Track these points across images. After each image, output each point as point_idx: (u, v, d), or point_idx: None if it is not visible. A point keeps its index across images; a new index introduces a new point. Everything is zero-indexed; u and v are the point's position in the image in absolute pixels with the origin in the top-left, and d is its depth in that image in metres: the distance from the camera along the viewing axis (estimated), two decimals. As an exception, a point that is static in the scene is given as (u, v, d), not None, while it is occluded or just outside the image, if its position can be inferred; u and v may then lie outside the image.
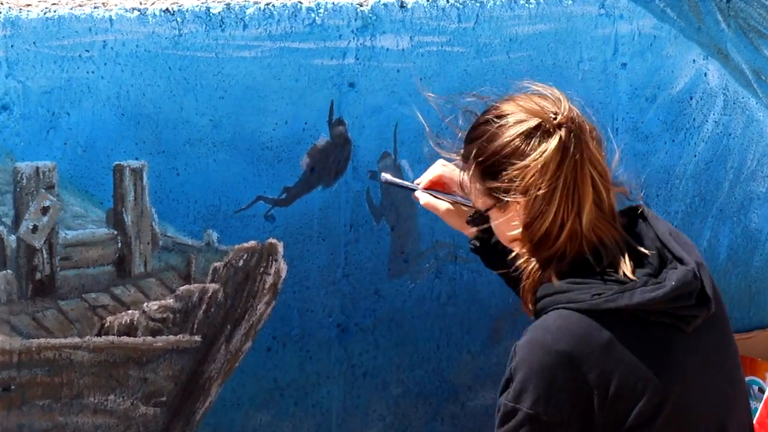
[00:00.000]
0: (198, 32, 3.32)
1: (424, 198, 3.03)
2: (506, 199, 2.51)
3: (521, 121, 2.51)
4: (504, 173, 2.50)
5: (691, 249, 2.58)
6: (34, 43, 3.14)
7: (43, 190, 3.21)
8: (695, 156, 4.14)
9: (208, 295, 3.44)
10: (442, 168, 3.03)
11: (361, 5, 3.53)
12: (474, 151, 2.55)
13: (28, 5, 3.16)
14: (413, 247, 3.76)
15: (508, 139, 2.50)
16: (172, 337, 3.41)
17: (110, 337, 3.35)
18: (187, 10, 3.30)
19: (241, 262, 3.48)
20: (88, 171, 3.27)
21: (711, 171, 4.18)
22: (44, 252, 3.25)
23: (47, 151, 3.21)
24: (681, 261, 2.52)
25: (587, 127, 2.57)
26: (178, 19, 3.30)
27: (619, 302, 2.41)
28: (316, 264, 3.62)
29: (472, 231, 2.97)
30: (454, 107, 2.80)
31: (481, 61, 3.71)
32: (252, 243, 3.50)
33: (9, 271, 3.23)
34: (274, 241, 3.53)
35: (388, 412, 3.82)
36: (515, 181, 2.48)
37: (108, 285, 3.34)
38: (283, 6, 3.41)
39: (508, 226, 2.56)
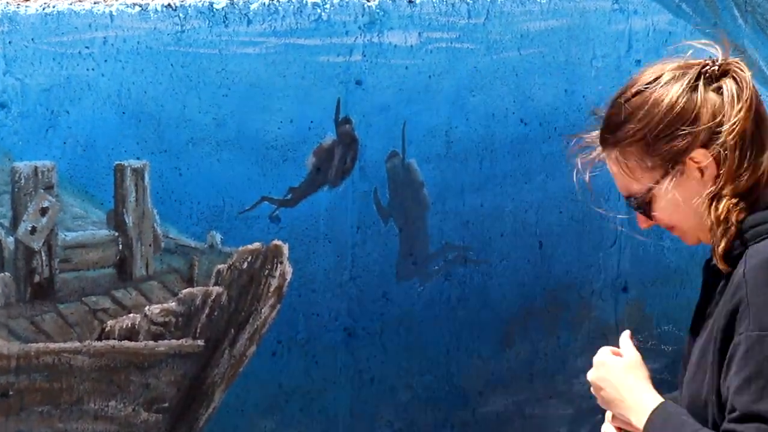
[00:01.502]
0: (201, 28, 3.32)
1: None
2: (683, 162, 2.38)
3: (680, 76, 2.40)
4: (681, 132, 2.36)
5: None
6: (32, 39, 3.14)
7: (42, 191, 3.21)
8: (711, 155, 4.11)
9: (212, 298, 3.45)
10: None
11: (368, 0, 3.53)
12: (635, 127, 2.40)
13: (27, 0, 3.16)
14: (422, 249, 3.76)
15: (675, 95, 2.37)
16: (174, 342, 3.41)
17: (111, 342, 3.35)
18: (189, 6, 3.31)
19: (245, 265, 3.48)
20: (88, 171, 3.27)
21: (728, 171, 4.15)
22: (43, 254, 3.25)
23: (46, 150, 3.21)
24: None
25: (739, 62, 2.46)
26: (181, 14, 3.30)
27: None
28: (322, 266, 3.62)
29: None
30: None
31: (491, 58, 3.72)
32: (256, 245, 3.50)
33: (7, 273, 3.23)
34: (279, 242, 3.53)
35: (396, 419, 3.82)
36: (694, 138, 2.36)
37: (109, 288, 3.34)
38: (289, 1, 3.42)
39: (689, 195, 2.42)
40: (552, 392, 4.06)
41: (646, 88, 2.42)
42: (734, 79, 2.38)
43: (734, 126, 2.34)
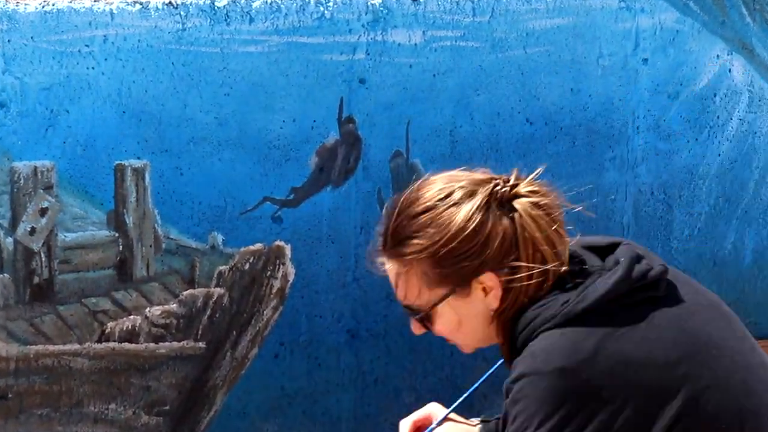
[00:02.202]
0: (202, 26, 3.31)
1: None
2: (468, 281, 2.37)
3: (471, 195, 2.35)
4: (468, 254, 2.33)
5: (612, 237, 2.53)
6: (31, 37, 3.14)
7: (42, 191, 3.21)
8: (719, 155, 4.12)
9: (213, 300, 3.44)
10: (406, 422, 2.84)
11: (371, -2, 3.54)
12: (422, 244, 2.35)
13: (26, -2, 3.17)
14: (426, 250, 3.75)
15: (465, 217, 2.32)
16: (175, 344, 3.41)
17: (111, 344, 3.34)
18: (190, 4, 3.30)
19: (247, 266, 3.48)
20: (88, 171, 3.27)
21: (736, 171, 4.16)
22: (42, 255, 3.25)
23: (45, 150, 3.20)
24: (613, 245, 2.48)
25: (529, 177, 2.44)
26: (182, 12, 3.29)
27: (589, 299, 2.32)
28: (325, 267, 3.61)
29: None
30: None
31: (496, 57, 3.71)
32: (258, 246, 3.49)
33: (6, 274, 3.22)
34: (281, 243, 3.52)
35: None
36: (482, 259, 2.33)
37: (109, 289, 3.34)
38: (291, -1, 3.43)
39: (473, 314, 2.42)
40: (558, 395, 4.05)
41: (435, 205, 2.35)
42: (525, 203, 2.35)
43: (525, 252, 2.32)
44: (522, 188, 2.38)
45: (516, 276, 2.34)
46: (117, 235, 3.33)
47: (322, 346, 3.65)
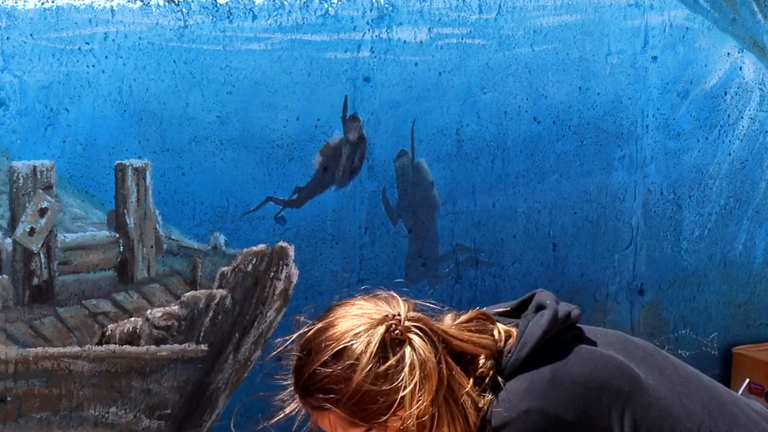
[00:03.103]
0: (204, 23, 3.31)
1: None
2: (386, 420, 2.39)
3: (368, 344, 2.37)
4: (376, 399, 2.37)
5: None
6: (31, 35, 3.14)
7: (41, 191, 3.21)
8: (730, 154, 4.12)
9: (215, 301, 3.43)
10: None
11: (376, -5, 3.54)
12: (330, 398, 2.38)
13: (25, -5, 3.17)
14: (432, 251, 3.76)
15: (364, 367, 2.35)
16: (177, 346, 3.41)
17: (112, 346, 3.34)
18: (192, 0, 3.30)
19: (249, 267, 3.47)
20: (89, 170, 3.26)
21: (747, 170, 4.16)
22: (42, 256, 3.24)
23: (45, 149, 3.20)
24: (524, 302, 2.56)
25: (425, 317, 2.46)
26: (184, 9, 3.29)
27: (529, 343, 2.41)
28: (329, 268, 3.61)
29: None
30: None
31: (503, 54, 3.71)
32: (261, 246, 3.49)
33: (5, 276, 3.22)
34: (284, 244, 3.52)
35: (406, 425, 3.80)
36: (392, 399, 2.36)
37: (109, 291, 3.34)
38: (295, -4, 3.43)
39: None
40: (566, 398, 4.04)
41: (333, 360, 2.37)
42: (413, 345, 2.36)
43: (417, 389, 2.35)
44: (412, 329, 2.39)
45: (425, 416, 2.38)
46: (118, 235, 3.33)
47: (326, 349, 3.64)
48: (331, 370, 2.36)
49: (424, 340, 2.37)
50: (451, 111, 3.68)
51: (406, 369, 2.35)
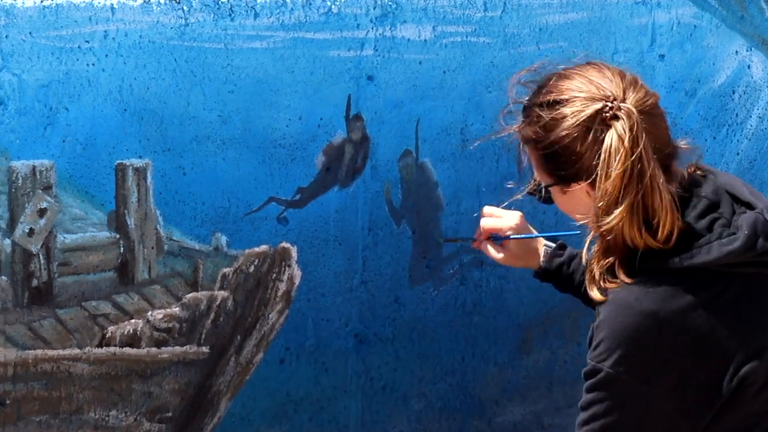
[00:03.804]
0: (206, 21, 3.31)
1: (484, 247, 3.14)
2: (568, 182, 2.60)
3: (578, 112, 2.54)
4: (564, 161, 2.57)
5: (759, 195, 2.67)
6: (30, 33, 3.13)
7: (40, 191, 3.21)
8: (738, 154, 4.13)
9: (217, 303, 3.44)
10: (488, 220, 3.14)
11: (380, -8, 3.54)
12: (532, 137, 2.62)
13: (24, -8, 3.17)
14: (436, 252, 3.76)
15: (565, 131, 2.54)
16: (178, 349, 3.41)
17: (112, 349, 3.34)
18: (194, -2, 3.31)
19: (251, 268, 3.48)
20: (89, 170, 3.26)
21: (755, 170, 4.17)
22: (41, 257, 3.24)
23: (44, 148, 3.20)
24: (749, 205, 2.60)
25: (650, 102, 2.58)
26: (185, 7, 3.29)
27: (697, 259, 2.49)
28: (332, 270, 3.61)
29: (536, 264, 3.11)
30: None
31: (508, 53, 3.71)
32: (263, 247, 3.49)
33: (3, 277, 3.22)
34: (287, 245, 3.53)
35: (409, 429, 3.82)
36: (576, 169, 2.55)
37: (109, 292, 3.34)
38: (297, -7, 3.43)
39: (572, 205, 2.66)
40: (572, 401, 4.05)
41: (549, 106, 2.57)
42: (620, 126, 2.50)
43: (605, 168, 2.50)
44: (622, 112, 2.51)
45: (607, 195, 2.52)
46: (118, 236, 3.33)
47: (329, 351, 3.66)
48: (542, 113, 2.56)
49: (628, 133, 2.47)
50: (455, 110, 3.68)
51: (602, 149, 2.48)
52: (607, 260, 2.56)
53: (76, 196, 3.26)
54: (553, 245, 3.08)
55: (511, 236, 3.08)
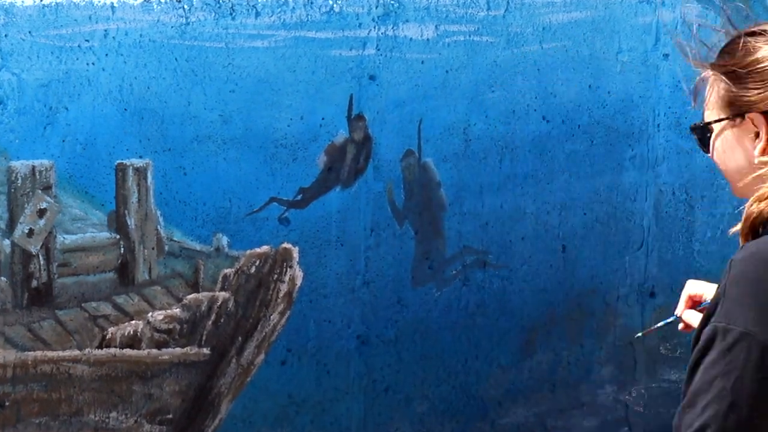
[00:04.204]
0: (207, 20, 3.31)
1: (687, 318, 2.99)
2: (746, 111, 2.49)
3: None
4: (753, 88, 2.48)
5: None
6: (29, 32, 3.13)
7: (40, 191, 3.21)
8: (743, 154, 4.11)
9: (218, 304, 3.44)
10: (690, 288, 3.01)
11: (382, -9, 3.54)
12: (728, 62, 2.53)
13: (23, -9, 3.17)
14: (439, 253, 3.75)
15: (765, 55, 2.48)
16: (178, 350, 3.41)
17: (112, 350, 3.34)
18: (194, -3, 3.31)
19: (253, 269, 3.47)
20: (88, 170, 3.26)
21: (760, 170, 4.15)
22: (41, 258, 3.24)
23: (44, 148, 3.20)
24: None
25: None
26: (185, 6, 3.29)
27: None
28: (334, 271, 3.61)
29: None
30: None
31: (512, 52, 3.71)
32: (265, 248, 3.49)
33: (3, 278, 3.22)
34: (288, 246, 3.52)
35: (412, 430, 3.82)
36: (762, 100, 2.46)
37: (110, 293, 3.34)
38: (299, -8, 3.43)
39: (730, 149, 2.54)
40: (575, 403, 4.05)
41: (756, 35, 2.53)
42: None
43: None
44: None
45: None
46: (118, 237, 3.33)
47: (331, 353, 3.65)
48: (745, 43, 2.49)
49: None
50: (458, 110, 3.68)
51: None
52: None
53: (76, 197, 3.26)
54: None
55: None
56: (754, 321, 2.31)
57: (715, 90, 2.58)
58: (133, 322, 3.35)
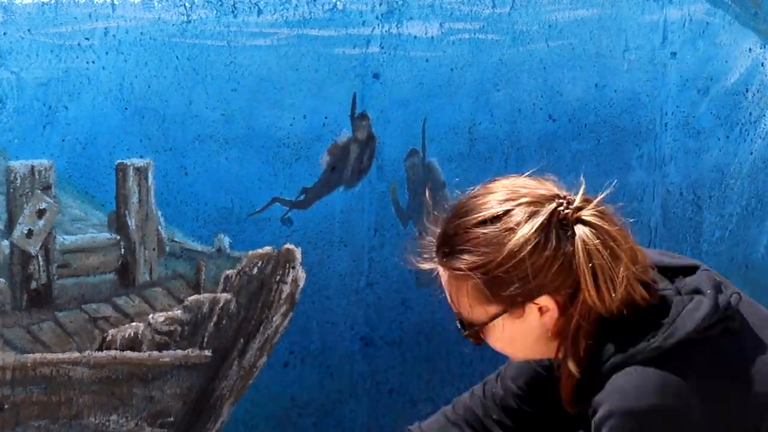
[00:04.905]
0: (208, 18, 3.31)
1: None
2: (523, 304, 2.35)
3: (529, 217, 2.31)
4: (522, 277, 2.31)
5: (672, 254, 2.54)
6: (28, 30, 3.13)
7: (39, 191, 3.21)
8: (752, 153, 4.12)
9: (220, 305, 3.44)
10: None
11: (386, -12, 3.54)
12: (474, 261, 2.33)
13: (22, -11, 3.17)
14: (443, 254, 3.75)
15: (521, 241, 2.30)
16: (180, 352, 3.41)
17: (112, 352, 3.34)
18: (196, -6, 3.31)
19: (255, 270, 3.47)
20: (88, 170, 3.26)
21: (769, 170, 4.17)
22: (40, 259, 3.24)
23: (43, 148, 3.20)
24: (688, 268, 2.46)
25: (595, 201, 2.42)
26: (187, 4, 3.29)
27: (678, 333, 2.32)
28: (337, 272, 3.61)
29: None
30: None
31: (517, 50, 3.70)
32: (267, 249, 3.49)
33: (2, 279, 3.22)
34: (291, 246, 3.52)
35: (417, 433, 3.80)
36: (539, 283, 2.32)
37: (110, 295, 3.34)
38: (301, -10, 3.44)
39: (520, 335, 2.41)
40: (582, 405, 4.05)
41: (492, 222, 2.32)
42: (586, 231, 2.32)
43: (584, 277, 2.30)
44: (585, 213, 2.34)
45: (576, 300, 2.33)
46: (118, 237, 3.33)
47: (334, 355, 3.65)
48: (486, 231, 2.31)
49: (594, 231, 2.30)
50: (463, 108, 3.68)
51: (561, 257, 2.29)
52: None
53: (76, 197, 3.26)
54: None
55: None
56: None
57: (464, 289, 2.35)
58: (134, 323, 3.35)
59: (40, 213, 3.23)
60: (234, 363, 3.50)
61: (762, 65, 4.09)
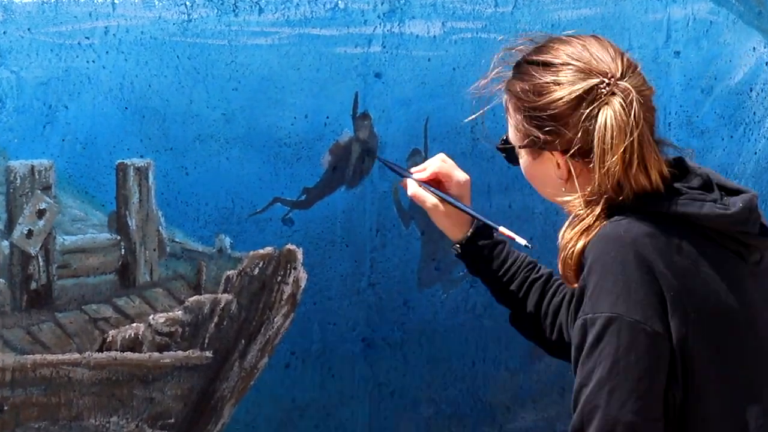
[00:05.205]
0: (209, 17, 3.30)
1: (412, 188, 3.08)
2: (543, 149, 2.61)
3: (572, 83, 2.55)
4: (547, 128, 2.57)
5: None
6: (28, 29, 3.13)
7: (39, 192, 3.20)
8: (756, 153, 4.11)
9: (220, 306, 3.43)
10: (440, 163, 3.07)
11: (388, -13, 3.53)
12: (519, 92, 2.62)
13: (22, -13, 3.17)
14: (446, 254, 3.74)
15: (556, 98, 2.55)
16: (180, 353, 3.40)
17: (113, 353, 3.34)
18: (196, -7, 3.31)
19: (256, 271, 3.47)
20: (89, 170, 3.25)
21: (773, 170, 4.16)
22: (40, 259, 3.24)
23: (43, 148, 3.19)
24: (739, 191, 2.60)
25: (646, 93, 2.60)
26: (187, 3, 3.29)
27: (688, 208, 2.47)
28: (338, 272, 3.60)
29: (457, 235, 3.07)
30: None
31: (520, 49, 3.70)
32: (268, 249, 3.48)
33: (1, 280, 3.22)
34: (292, 247, 3.52)
35: (418, 435, 3.80)
36: (557, 139, 2.56)
37: (110, 296, 3.33)
38: (303, -12, 3.43)
39: (538, 173, 2.67)
40: (585, 407, 4.04)
41: (545, 68, 2.58)
42: (618, 105, 2.50)
43: (589, 145, 2.52)
44: (617, 99, 2.51)
45: (585, 169, 2.54)
46: (119, 238, 3.32)
47: (336, 356, 3.64)
48: (537, 74, 2.58)
49: (618, 116, 2.48)
50: (465, 108, 3.66)
51: (596, 126, 2.49)
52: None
53: (76, 197, 3.26)
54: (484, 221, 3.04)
55: (454, 202, 3.03)
56: (617, 303, 2.39)
57: (511, 109, 2.67)
58: (134, 324, 3.35)
59: (40, 213, 3.22)
60: (235, 364, 3.49)
61: (766, 64, 4.08)
